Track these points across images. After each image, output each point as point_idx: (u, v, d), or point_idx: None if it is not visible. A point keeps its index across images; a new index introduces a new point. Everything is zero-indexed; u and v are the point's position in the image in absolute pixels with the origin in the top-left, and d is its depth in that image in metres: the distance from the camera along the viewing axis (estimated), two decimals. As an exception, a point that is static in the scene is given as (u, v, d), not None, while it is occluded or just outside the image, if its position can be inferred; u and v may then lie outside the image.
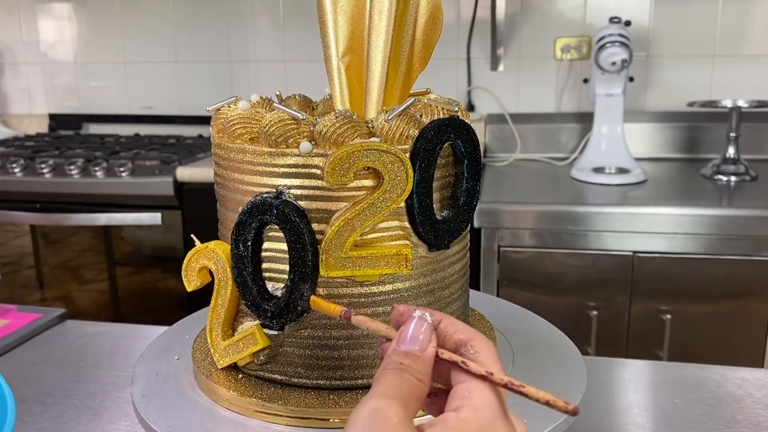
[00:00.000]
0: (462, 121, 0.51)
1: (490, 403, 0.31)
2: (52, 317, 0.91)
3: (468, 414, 0.30)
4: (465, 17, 2.14)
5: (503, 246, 1.58)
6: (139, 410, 0.52)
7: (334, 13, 0.54)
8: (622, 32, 1.80)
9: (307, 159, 0.48)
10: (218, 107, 0.55)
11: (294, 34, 2.28)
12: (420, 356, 0.32)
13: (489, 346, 0.33)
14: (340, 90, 0.55)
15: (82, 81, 2.49)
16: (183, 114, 2.40)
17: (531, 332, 0.63)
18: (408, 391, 0.31)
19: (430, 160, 0.49)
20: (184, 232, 1.87)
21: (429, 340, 0.33)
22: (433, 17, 0.55)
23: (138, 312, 1.99)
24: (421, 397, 0.31)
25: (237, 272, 0.51)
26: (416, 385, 0.31)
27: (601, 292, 1.56)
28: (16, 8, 2.48)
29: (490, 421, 0.30)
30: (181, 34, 2.37)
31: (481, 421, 0.30)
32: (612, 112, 1.86)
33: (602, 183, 1.74)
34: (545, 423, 0.49)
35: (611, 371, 0.79)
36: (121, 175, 1.86)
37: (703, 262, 1.51)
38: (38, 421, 0.70)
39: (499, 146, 2.12)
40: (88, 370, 0.80)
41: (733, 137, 1.78)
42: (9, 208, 1.94)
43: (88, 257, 1.99)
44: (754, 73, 2.01)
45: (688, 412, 0.69)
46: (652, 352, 1.56)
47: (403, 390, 0.30)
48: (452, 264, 0.54)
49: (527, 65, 2.14)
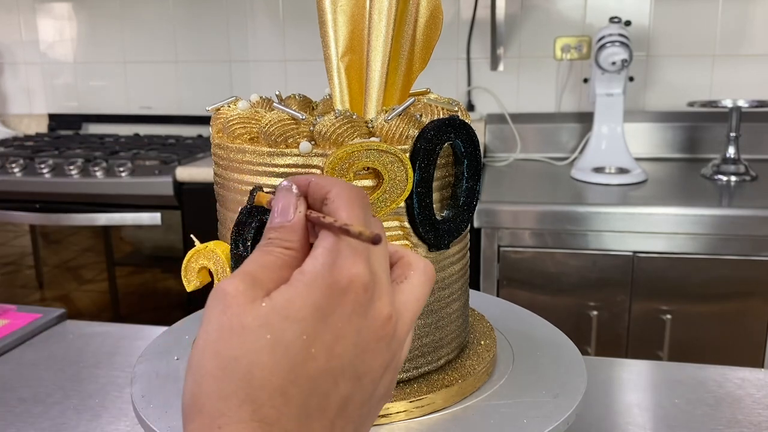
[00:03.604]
0: (462, 121, 0.51)
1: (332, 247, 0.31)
2: (52, 317, 0.91)
3: (306, 266, 0.30)
4: (465, 17, 2.14)
5: (503, 246, 1.58)
6: (138, 410, 0.52)
7: (333, 12, 0.54)
8: (622, 32, 1.80)
9: (307, 159, 0.48)
10: (218, 107, 0.55)
11: (294, 34, 2.28)
12: (287, 225, 0.32)
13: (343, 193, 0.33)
14: (340, 90, 0.55)
15: (82, 81, 2.49)
16: (183, 114, 2.40)
17: (531, 332, 0.63)
18: (266, 262, 0.31)
19: (430, 160, 0.49)
20: (183, 232, 1.87)
21: (295, 207, 0.33)
22: (433, 17, 0.55)
23: (137, 312, 1.99)
24: (293, 263, 0.31)
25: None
26: (282, 253, 0.32)
27: (601, 292, 1.56)
28: (15, 8, 2.48)
29: (327, 266, 0.30)
30: (181, 34, 2.37)
31: (315, 270, 0.30)
32: (612, 112, 1.86)
33: (602, 183, 1.74)
34: (545, 423, 0.49)
35: (611, 371, 0.79)
36: (121, 175, 1.86)
37: (703, 262, 1.51)
38: (38, 421, 0.69)
39: (499, 146, 2.12)
40: (88, 370, 0.80)
41: (733, 137, 1.78)
42: (9, 208, 1.94)
43: (87, 257, 1.99)
44: (754, 73, 2.01)
45: (688, 412, 0.69)
46: (652, 352, 1.56)
47: (259, 262, 0.31)
48: (452, 264, 0.54)
49: (527, 65, 2.14)
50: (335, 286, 0.30)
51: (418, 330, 0.52)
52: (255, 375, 0.28)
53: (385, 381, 0.32)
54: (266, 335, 0.28)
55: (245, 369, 0.28)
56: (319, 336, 0.29)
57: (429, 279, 0.35)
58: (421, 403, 0.50)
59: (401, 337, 0.33)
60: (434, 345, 0.53)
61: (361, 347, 0.30)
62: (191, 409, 0.29)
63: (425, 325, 0.53)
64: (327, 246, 0.31)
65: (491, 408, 0.51)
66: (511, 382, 0.55)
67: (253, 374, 0.28)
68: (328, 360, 0.29)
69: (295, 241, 0.32)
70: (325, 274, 0.30)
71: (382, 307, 0.31)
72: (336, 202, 0.32)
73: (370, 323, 0.31)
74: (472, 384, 0.53)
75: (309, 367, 0.29)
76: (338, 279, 0.30)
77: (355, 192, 0.33)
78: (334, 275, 0.30)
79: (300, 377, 0.29)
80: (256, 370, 0.28)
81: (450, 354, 0.55)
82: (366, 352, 0.31)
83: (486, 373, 0.55)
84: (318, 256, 0.31)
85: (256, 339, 0.28)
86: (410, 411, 0.50)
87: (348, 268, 0.30)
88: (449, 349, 0.55)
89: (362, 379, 0.31)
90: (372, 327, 0.31)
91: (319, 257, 0.30)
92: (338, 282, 0.30)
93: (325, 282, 0.30)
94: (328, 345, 0.29)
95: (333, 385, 0.30)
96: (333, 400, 0.30)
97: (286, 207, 0.33)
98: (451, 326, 0.55)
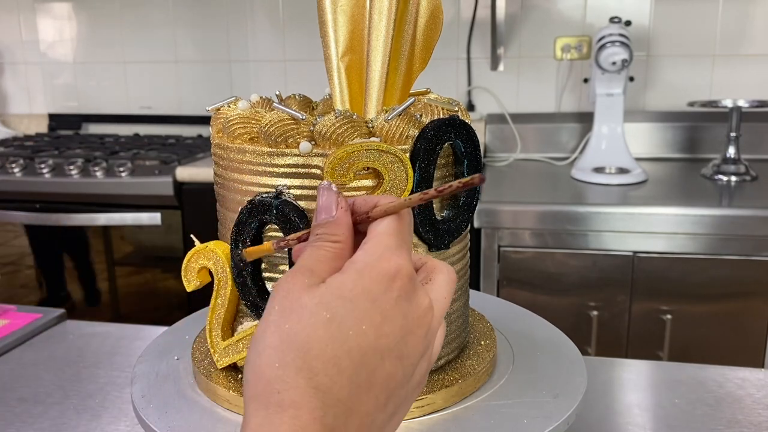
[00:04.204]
0: (462, 121, 0.51)
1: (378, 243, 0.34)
2: (52, 317, 0.91)
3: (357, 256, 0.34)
4: (465, 17, 2.14)
5: (503, 246, 1.58)
6: (138, 410, 0.52)
7: (334, 13, 0.54)
8: (623, 32, 1.80)
9: (307, 159, 0.48)
10: (218, 107, 0.55)
11: (294, 34, 2.28)
12: (332, 221, 0.36)
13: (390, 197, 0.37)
14: (340, 90, 0.55)
15: (82, 81, 2.49)
16: (183, 114, 2.40)
17: (531, 332, 0.63)
18: (320, 256, 0.34)
19: (430, 160, 0.49)
20: (183, 232, 1.87)
21: (336, 204, 0.36)
22: (433, 17, 0.55)
23: (138, 312, 1.99)
24: (340, 254, 0.35)
25: (237, 272, 0.51)
26: (331, 247, 0.35)
27: (601, 292, 1.56)
28: (15, 8, 2.48)
29: (376, 256, 0.33)
30: (181, 34, 2.37)
31: (366, 259, 0.33)
32: (612, 112, 1.86)
33: (602, 183, 1.74)
34: (545, 423, 0.49)
35: (611, 371, 0.79)
36: (121, 175, 1.86)
37: (703, 262, 1.51)
38: (38, 421, 0.69)
39: (499, 146, 2.12)
40: (88, 370, 0.80)
41: (733, 137, 1.78)
42: (9, 208, 1.94)
43: (87, 257, 1.99)
44: (754, 73, 2.01)
45: (689, 412, 0.69)
46: (652, 352, 1.56)
47: (314, 257, 0.34)
48: (452, 264, 0.54)
49: (527, 65, 2.14)
50: (384, 273, 0.33)
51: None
52: (312, 346, 0.31)
53: (420, 369, 0.35)
54: (322, 312, 0.32)
55: (303, 340, 0.31)
56: (369, 315, 0.32)
57: (452, 279, 0.38)
58: (421, 403, 0.50)
59: (435, 329, 0.36)
60: (434, 345, 0.53)
61: (406, 330, 0.33)
62: (251, 376, 0.32)
63: (425, 325, 0.53)
64: (376, 239, 0.34)
65: (491, 408, 0.51)
66: (511, 382, 0.55)
67: (310, 345, 0.31)
68: (377, 338, 0.32)
69: (340, 234, 0.36)
70: (374, 262, 0.33)
71: (424, 296, 0.35)
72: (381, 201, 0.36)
73: (414, 309, 0.34)
74: (472, 384, 0.53)
75: (360, 342, 0.32)
76: (387, 267, 0.33)
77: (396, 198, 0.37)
78: (383, 264, 0.33)
79: (352, 350, 0.31)
80: (313, 342, 0.31)
81: (450, 354, 0.55)
82: (409, 335, 0.33)
83: (486, 373, 0.55)
84: (368, 248, 0.34)
85: (312, 315, 0.32)
86: (410, 411, 0.50)
87: (395, 259, 0.34)
88: (449, 349, 0.55)
89: (403, 361, 0.33)
90: (416, 313, 0.34)
91: (369, 249, 0.34)
92: (387, 269, 0.33)
93: (374, 269, 0.33)
94: (377, 324, 0.32)
95: (380, 361, 0.32)
96: (379, 375, 0.32)
97: (328, 204, 0.36)
98: (452, 326, 0.55)
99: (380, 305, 0.32)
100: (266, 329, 0.32)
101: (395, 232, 0.35)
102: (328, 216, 0.36)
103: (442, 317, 0.36)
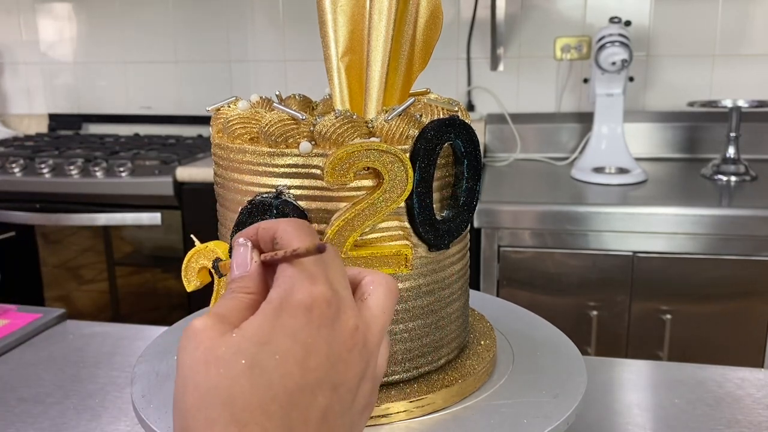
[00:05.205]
0: (462, 121, 0.51)
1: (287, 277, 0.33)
2: (52, 317, 0.91)
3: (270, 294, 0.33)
4: (465, 17, 2.14)
5: (503, 246, 1.58)
6: (138, 410, 0.52)
7: (333, 13, 0.54)
8: (622, 32, 1.80)
9: (307, 159, 0.48)
10: (218, 107, 0.55)
11: (294, 34, 2.28)
12: (246, 275, 0.35)
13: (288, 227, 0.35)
14: (340, 90, 0.55)
15: (82, 81, 2.49)
16: (183, 114, 2.40)
17: (531, 332, 0.63)
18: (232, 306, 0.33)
19: (430, 160, 0.49)
20: (183, 232, 1.87)
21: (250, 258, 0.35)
22: (433, 17, 0.55)
23: (138, 312, 1.99)
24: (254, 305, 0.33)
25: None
26: (243, 297, 0.34)
27: (601, 292, 1.56)
28: (15, 8, 2.48)
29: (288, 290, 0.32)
30: (181, 34, 2.37)
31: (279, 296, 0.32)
32: (612, 112, 1.86)
33: (602, 183, 1.74)
34: (545, 423, 0.49)
35: (611, 371, 0.79)
36: (121, 175, 1.86)
37: (703, 262, 1.51)
38: (38, 421, 0.69)
39: (499, 146, 2.12)
40: (88, 370, 0.80)
41: (733, 137, 1.78)
42: (9, 208, 1.94)
43: (87, 257, 1.99)
44: (754, 73, 2.01)
45: (688, 412, 0.69)
46: (652, 352, 1.56)
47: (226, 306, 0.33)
48: (452, 264, 0.54)
49: (527, 65, 2.14)
50: (299, 305, 0.32)
51: (418, 330, 0.52)
52: (236, 398, 0.30)
53: (363, 391, 0.34)
54: (241, 360, 0.30)
55: (226, 394, 0.30)
56: (291, 353, 0.31)
57: (391, 291, 0.36)
58: (421, 403, 0.50)
59: (372, 347, 0.34)
60: (434, 345, 0.53)
61: (334, 357, 0.32)
62: None
63: (425, 325, 0.53)
64: (286, 275, 0.33)
65: (491, 408, 0.51)
66: (511, 382, 0.55)
67: (234, 398, 0.30)
68: (303, 374, 0.31)
69: (253, 286, 0.35)
70: (288, 297, 0.32)
71: (348, 319, 0.33)
72: (284, 237, 0.35)
73: (338, 335, 0.32)
74: (472, 384, 0.53)
75: (286, 383, 0.30)
76: (301, 299, 0.32)
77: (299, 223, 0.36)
78: (296, 296, 0.32)
79: (279, 394, 0.30)
80: (237, 394, 0.30)
81: (450, 354, 0.55)
82: (339, 362, 0.32)
83: (486, 373, 0.55)
84: (279, 284, 0.33)
85: (231, 366, 0.30)
86: (410, 411, 0.50)
87: (308, 288, 0.32)
88: (449, 349, 0.55)
89: (338, 390, 0.32)
90: (341, 338, 0.32)
91: (280, 285, 0.33)
92: (302, 301, 0.32)
93: (289, 304, 0.32)
94: (300, 360, 0.31)
95: (311, 398, 0.31)
96: (313, 412, 0.31)
97: (243, 260, 0.35)
98: (451, 326, 0.55)
99: (301, 339, 0.31)
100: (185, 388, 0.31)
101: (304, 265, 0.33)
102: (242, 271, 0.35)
103: (381, 331, 0.35)
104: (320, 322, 0.32)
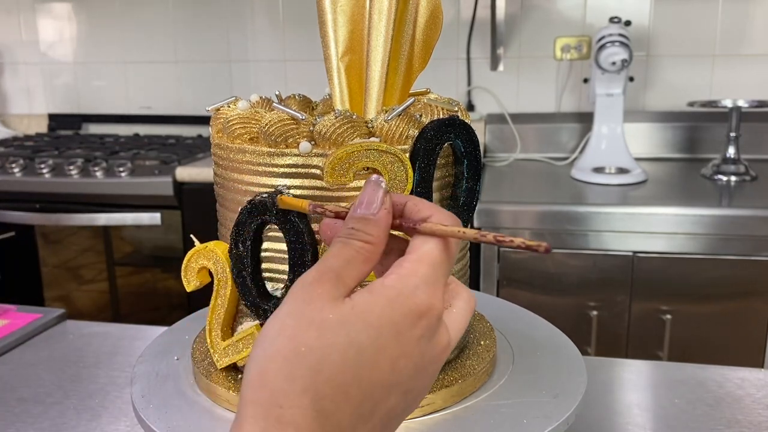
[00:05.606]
0: (462, 121, 0.51)
1: (416, 271, 0.32)
2: (52, 317, 0.91)
3: (391, 280, 0.32)
4: (465, 17, 2.14)
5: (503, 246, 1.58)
6: (138, 410, 0.52)
7: (333, 13, 0.54)
8: (622, 32, 1.80)
9: (307, 159, 0.48)
10: (218, 107, 0.55)
11: (294, 34, 2.28)
12: (372, 219, 0.33)
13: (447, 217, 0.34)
14: (340, 90, 0.55)
15: (82, 81, 2.49)
16: (182, 114, 2.40)
17: (531, 332, 0.63)
18: (348, 257, 0.32)
19: (430, 160, 0.49)
20: (183, 232, 1.87)
21: (382, 203, 0.34)
22: (433, 17, 0.55)
23: (137, 312, 1.99)
24: (371, 258, 0.33)
25: (236, 272, 0.51)
26: (362, 247, 0.33)
27: (601, 292, 1.56)
28: (15, 8, 2.48)
29: (411, 287, 0.32)
30: (181, 34, 2.37)
31: (400, 287, 0.32)
32: (612, 112, 1.86)
33: (602, 183, 1.74)
34: (545, 423, 0.49)
35: (611, 371, 0.79)
36: (121, 175, 1.86)
37: (703, 262, 1.51)
38: (38, 421, 0.69)
39: (499, 146, 2.12)
40: (88, 370, 0.80)
41: (733, 137, 1.78)
42: (8, 208, 1.94)
43: (87, 257, 1.99)
44: (754, 73, 2.01)
45: (688, 412, 0.69)
46: (652, 352, 1.56)
47: (342, 257, 0.32)
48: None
49: (527, 65, 2.14)
50: (414, 308, 0.31)
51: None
52: (324, 368, 0.30)
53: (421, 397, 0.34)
54: (343, 333, 0.30)
55: (317, 360, 0.30)
56: (389, 348, 0.31)
57: (471, 308, 0.36)
58: (421, 403, 0.50)
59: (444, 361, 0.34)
60: (434, 345, 0.53)
61: (420, 367, 0.32)
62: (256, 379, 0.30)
63: (425, 325, 0.52)
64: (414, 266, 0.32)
65: (491, 408, 0.51)
66: (511, 382, 0.54)
67: (322, 366, 0.30)
68: (391, 372, 0.31)
69: (377, 236, 0.33)
70: (407, 294, 0.32)
71: (444, 334, 0.33)
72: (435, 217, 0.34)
73: (433, 348, 0.33)
74: (472, 384, 0.53)
75: (373, 375, 0.30)
76: (418, 303, 0.32)
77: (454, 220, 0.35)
78: (415, 299, 0.32)
79: (363, 381, 0.30)
80: (326, 364, 0.30)
81: (450, 354, 0.55)
82: (422, 372, 0.32)
83: (486, 373, 0.55)
84: (403, 274, 0.32)
85: (333, 335, 0.30)
86: (410, 411, 0.50)
87: (428, 297, 0.32)
88: (449, 349, 0.55)
89: (407, 395, 0.32)
90: (433, 352, 0.33)
91: (404, 276, 0.32)
92: (418, 306, 0.32)
93: (406, 302, 0.31)
94: (393, 358, 0.31)
95: (386, 396, 0.31)
96: (382, 409, 0.31)
97: (371, 200, 0.34)
98: (451, 326, 0.55)
99: (402, 340, 0.31)
100: (281, 332, 0.30)
101: (436, 264, 0.33)
102: (367, 212, 0.34)
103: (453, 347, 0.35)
104: (423, 332, 0.32)
